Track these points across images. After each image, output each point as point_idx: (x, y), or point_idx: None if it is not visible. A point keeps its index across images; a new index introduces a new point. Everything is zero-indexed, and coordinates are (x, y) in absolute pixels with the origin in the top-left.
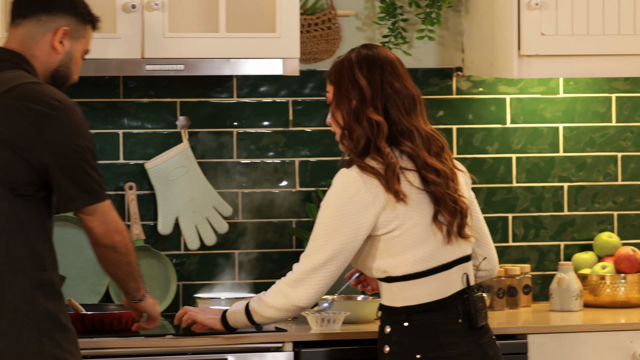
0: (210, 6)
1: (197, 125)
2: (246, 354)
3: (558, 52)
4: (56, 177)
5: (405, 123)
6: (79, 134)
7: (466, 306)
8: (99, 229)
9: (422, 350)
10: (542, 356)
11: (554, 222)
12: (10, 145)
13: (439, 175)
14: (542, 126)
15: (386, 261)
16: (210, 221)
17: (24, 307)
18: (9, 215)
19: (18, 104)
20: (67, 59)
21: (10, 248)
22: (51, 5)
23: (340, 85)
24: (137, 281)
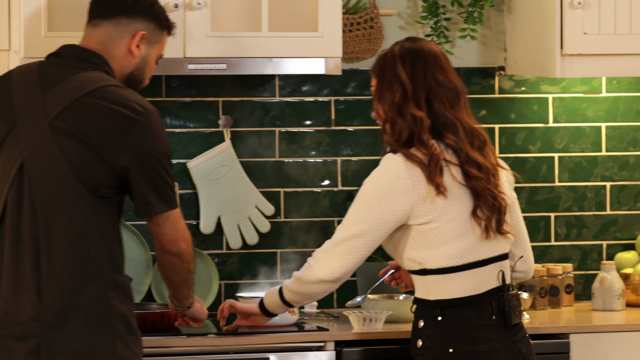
0: (253, 5)
1: (239, 124)
2: (288, 353)
3: (601, 51)
4: (136, 182)
5: (448, 116)
6: (160, 140)
7: (501, 303)
8: (169, 235)
9: (455, 344)
10: (584, 356)
11: (597, 221)
12: (94, 146)
13: (481, 169)
14: (585, 125)
15: (421, 253)
16: (252, 220)
17: (99, 309)
18: (88, 216)
19: (103, 106)
20: (142, 63)
21: (89, 249)
22: (131, 9)
23: (383, 78)
24: (190, 289)
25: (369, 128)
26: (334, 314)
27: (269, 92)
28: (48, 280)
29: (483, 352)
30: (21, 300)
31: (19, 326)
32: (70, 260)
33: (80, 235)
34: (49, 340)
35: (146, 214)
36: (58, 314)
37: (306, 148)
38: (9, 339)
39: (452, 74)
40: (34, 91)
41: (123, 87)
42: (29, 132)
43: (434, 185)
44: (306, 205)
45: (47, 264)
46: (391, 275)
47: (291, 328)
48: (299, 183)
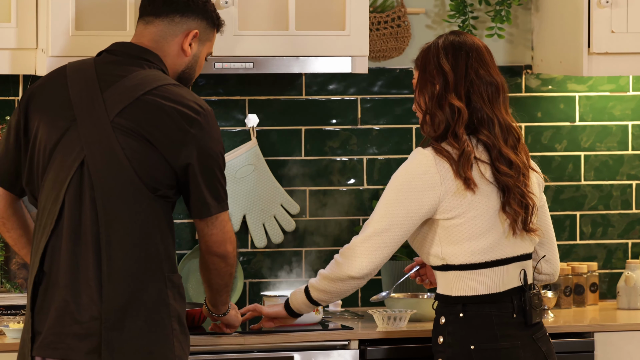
0: (280, 4)
1: (265, 123)
2: (312, 352)
3: (628, 50)
4: (194, 181)
5: (486, 111)
6: (217, 140)
7: (522, 302)
8: (217, 237)
9: (477, 341)
10: (608, 354)
11: (622, 220)
12: (156, 144)
13: (512, 167)
14: (611, 124)
15: (444, 248)
16: (278, 219)
17: (158, 308)
18: (149, 215)
19: (164, 105)
20: (193, 62)
21: (149, 248)
22: (186, 8)
23: (425, 70)
24: (229, 294)
25: (395, 127)
26: (358, 313)
27: (295, 91)
28: (109, 279)
29: (504, 350)
30: (82, 299)
31: (79, 325)
32: (131, 260)
33: (141, 234)
34: (109, 340)
35: (201, 214)
36: (119, 313)
37: (332, 147)
38: (68, 337)
39: (494, 69)
40: (93, 89)
41: (181, 86)
42: (90, 130)
43: (462, 180)
44: (332, 204)
45: (108, 262)
46: (416, 272)
47: (315, 327)
48: (324, 182)
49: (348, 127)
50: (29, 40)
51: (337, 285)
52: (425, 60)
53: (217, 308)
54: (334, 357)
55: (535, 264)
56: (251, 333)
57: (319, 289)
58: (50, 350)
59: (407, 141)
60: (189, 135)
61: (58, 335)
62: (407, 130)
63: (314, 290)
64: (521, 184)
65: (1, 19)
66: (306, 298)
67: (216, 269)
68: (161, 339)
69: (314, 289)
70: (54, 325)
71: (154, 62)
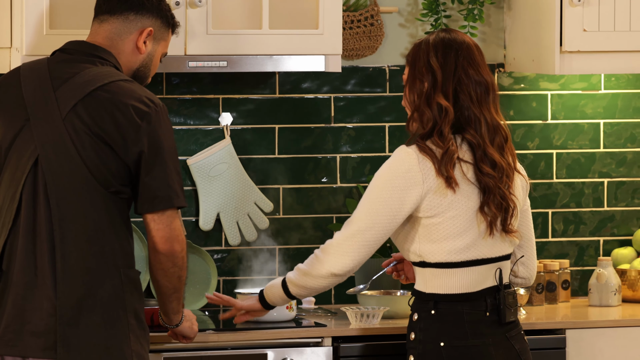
0: (254, 3)
1: (239, 121)
2: (286, 349)
3: (600, 49)
4: (144, 175)
5: (474, 110)
6: (169, 136)
7: (496, 301)
8: (163, 232)
9: (447, 337)
10: (580, 351)
11: (594, 217)
12: (108, 140)
13: (495, 168)
14: (583, 122)
15: (422, 246)
16: (251, 217)
17: (114, 303)
18: (103, 212)
19: (115, 100)
20: (148, 60)
21: (104, 244)
22: (140, 6)
23: (415, 67)
24: (180, 303)
25: (369, 125)
26: (331, 310)
27: (269, 90)
28: (64, 276)
29: (474, 347)
30: (38, 296)
31: (35, 322)
32: (85, 256)
33: (95, 230)
34: (65, 336)
35: (146, 208)
36: (74, 310)
37: (306, 145)
38: (25, 334)
39: (484, 68)
40: (46, 87)
41: (133, 81)
42: (43, 129)
43: (443, 178)
44: (305, 202)
45: (63, 259)
46: (394, 267)
47: (289, 324)
48: (298, 180)
49: (321, 125)
50: (3, 39)
51: (317, 282)
52: (416, 57)
53: (168, 318)
54: (308, 354)
55: (512, 266)
56: (225, 330)
57: (297, 285)
58: (8, 348)
59: (381, 139)
60: (140, 129)
61: (16, 333)
62: (381, 128)
63: (292, 285)
64: (503, 185)
65: None
66: (283, 292)
67: (162, 269)
68: (118, 334)
69: (292, 284)
70: (12, 322)
71: (107, 59)
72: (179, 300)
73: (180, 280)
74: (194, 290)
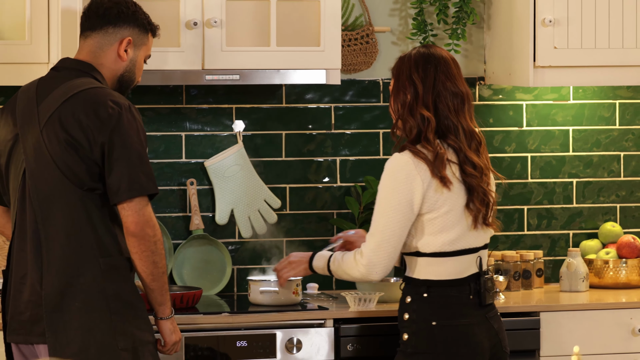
0: (263, 23)
1: (250, 128)
2: (292, 329)
3: (569, 64)
4: (108, 169)
5: (452, 119)
6: (132, 131)
7: (477, 285)
8: (133, 218)
9: (438, 318)
10: (552, 331)
11: (564, 213)
12: (75, 144)
13: (475, 168)
14: (554, 129)
15: (418, 238)
16: (262, 212)
17: (94, 289)
18: (79, 209)
19: (82, 106)
20: (131, 65)
21: (81, 238)
22: (117, 19)
23: (398, 80)
24: (162, 295)
25: (365, 131)
26: (333, 295)
27: (276, 100)
28: (49, 269)
29: (461, 326)
30: (29, 288)
31: (30, 311)
32: (66, 250)
33: (73, 226)
34: (51, 321)
35: (113, 199)
36: (58, 298)
37: (309, 149)
38: (25, 323)
39: (460, 80)
40: (31, 104)
41: (103, 88)
42: (28, 141)
43: (438, 179)
44: (309, 199)
45: (47, 254)
46: (341, 245)
47: (295, 307)
48: (302, 180)
49: (323, 131)
50: (41, 55)
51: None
52: (399, 71)
53: (154, 308)
54: (312, 334)
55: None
56: (238, 313)
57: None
58: (15, 336)
59: (375, 144)
60: (102, 129)
61: (18, 322)
62: (375, 134)
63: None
64: (483, 183)
65: (17, 36)
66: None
67: (136, 252)
68: (100, 317)
69: (337, 275)
70: (14, 314)
71: (86, 71)
72: (160, 292)
73: (155, 267)
74: (211, 277)
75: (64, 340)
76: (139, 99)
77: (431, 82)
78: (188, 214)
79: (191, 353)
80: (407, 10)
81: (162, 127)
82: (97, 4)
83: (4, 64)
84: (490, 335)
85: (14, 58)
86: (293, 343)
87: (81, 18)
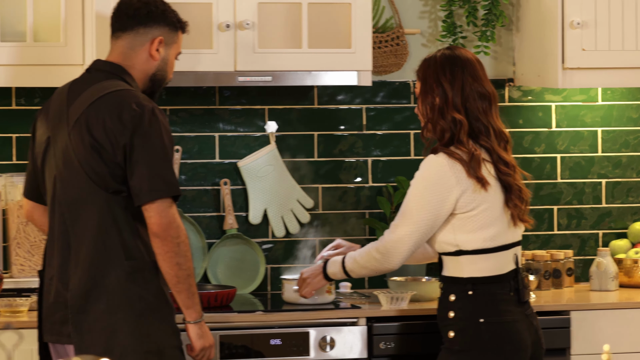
0: (295, 25)
1: (283, 129)
2: (326, 328)
3: (597, 65)
4: (130, 172)
5: (482, 121)
6: (154, 134)
7: (516, 282)
8: (154, 219)
9: (484, 315)
10: (582, 330)
11: (594, 213)
12: (101, 151)
13: (508, 166)
14: (583, 130)
15: (458, 236)
16: (295, 212)
17: (118, 292)
18: (105, 211)
19: (107, 110)
20: (162, 64)
21: (106, 240)
22: (147, 18)
23: (426, 82)
24: (189, 298)
25: (396, 132)
26: (365, 294)
27: (308, 101)
28: (75, 270)
29: (507, 323)
30: (58, 289)
31: (60, 312)
32: (91, 252)
33: (98, 229)
34: (77, 322)
35: (136, 201)
36: (83, 299)
37: (341, 150)
38: (56, 324)
39: (486, 81)
40: (62, 106)
41: (129, 90)
42: (58, 144)
43: (474, 179)
44: (341, 199)
45: (74, 256)
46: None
47: (328, 306)
48: (334, 180)
49: (354, 132)
50: (76, 57)
51: (377, 273)
52: (426, 74)
53: (182, 310)
54: (345, 333)
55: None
56: (272, 311)
57: (359, 274)
58: (49, 336)
59: (406, 145)
60: (124, 131)
61: (50, 323)
62: (406, 135)
63: (354, 274)
64: (517, 180)
65: (52, 38)
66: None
67: (160, 253)
68: (123, 319)
69: (354, 273)
70: (47, 314)
71: (116, 73)
72: (187, 294)
73: (179, 268)
74: (245, 275)
75: (89, 342)
76: (172, 100)
77: (459, 84)
78: (222, 213)
79: (226, 351)
80: (436, 12)
81: (195, 128)
82: (127, 4)
83: (39, 65)
84: (531, 332)
85: (50, 60)
86: (326, 341)
87: (111, 18)
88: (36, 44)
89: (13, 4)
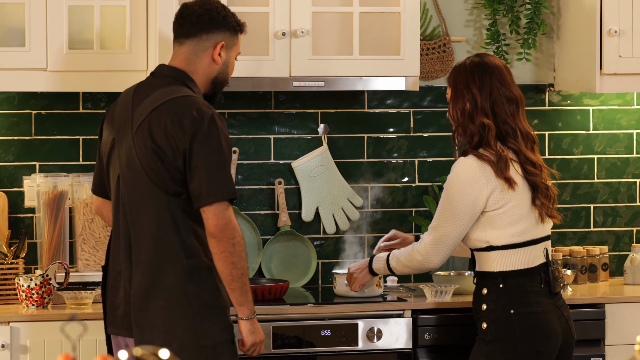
0: (347, 33)
1: (335, 131)
2: (374, 319)
3: (633, 71)
4: (190, 177)
5: (510, 124)
6: (212, 139)
7: (546, 275)
8: (211, 220)
9: (515, 306)
10: (617, 322)
11: (628, 211)
12: (162, 155)
13: (535, 166)
14: (619, 132)
15: (488, 233)
16: (345, 210)
17: (176, 290)
18: (165, 213)
19: (169, 116)
20: (224, 67)
21: (165, 240)
22: (209, 25)
23: (457, 89)
24: (243, 296)
25: (441, 134)
26: (411, 287)
27: (359, 105)
28: (136, 268)
29: (537, 313)
30: (121, 285)
31: (121, 307)
32: (151, 251)
33: (158, 229)
34: (137, 319)
35: (196, 204)
36: (143, 297)
37: (389, 151)
38: (118, 318)
39: (513, 85)
40: (127, 109)
41: (190, 96)
42: (123, 146)
43: (503, 179)
44: (389, 197)
45: (136, 255)
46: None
47: (376, 299)
48: (383, 180)
49: (402, 134)
50: (140, 63)
51: (418, 272)
52: (456, 81)
53: (235, 307)
54: (391, 324)
55: None
56: (323, 304)
57: (402, 272)
58: (113, 329)
59: (451, 146)
60: (184, 136)
61: (114, 316)
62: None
63: (397, 271)
64: (544, 179)
65: (118, 46)
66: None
67: (216, 253)
68: (180, 316)
69: (397, 271)
70: (111, 308)
71: (179, 79)
72: (241, 292)
73: (234, 267)
74: (297, 270)
75: (148, 338)
76: (231, 104)
77: (488, 90)
78: (276, 211)
79: (278, 341)
80: (481, 21)
81: (252, 130)
82: (189, 10)
83: (106, 71)
84: (561, 322)
85: (115, 66)
86: (374, 332)
87: (174, 24)
88: (102, 51)
89: (81, 14)
